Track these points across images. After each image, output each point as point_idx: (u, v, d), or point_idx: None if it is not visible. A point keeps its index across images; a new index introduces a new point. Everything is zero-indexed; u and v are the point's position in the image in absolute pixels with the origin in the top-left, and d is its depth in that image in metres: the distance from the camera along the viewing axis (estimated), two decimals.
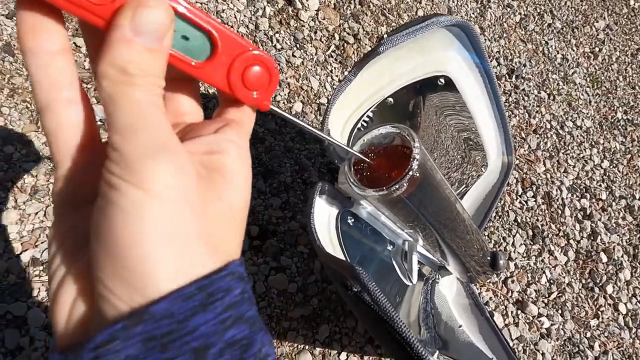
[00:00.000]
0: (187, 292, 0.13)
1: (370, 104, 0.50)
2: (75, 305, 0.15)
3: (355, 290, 0.30)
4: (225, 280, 0.15)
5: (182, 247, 0.14)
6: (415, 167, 0.38)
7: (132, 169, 0.13)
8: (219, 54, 0.17)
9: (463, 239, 0.60)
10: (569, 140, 1.19)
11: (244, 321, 0.15)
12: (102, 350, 0.13)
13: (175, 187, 0.14)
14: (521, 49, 1.29)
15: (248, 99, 0.19)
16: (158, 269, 0.13)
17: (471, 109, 0.58)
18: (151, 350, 0.13)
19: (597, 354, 0.92)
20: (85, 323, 0.15)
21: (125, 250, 0.13)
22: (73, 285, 0.15)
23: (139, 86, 0.14)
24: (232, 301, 0.15)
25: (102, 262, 0.13)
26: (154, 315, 0.13)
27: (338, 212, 0.47)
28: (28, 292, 0.59)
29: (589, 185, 1.13)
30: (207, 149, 0.17)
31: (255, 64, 0.18)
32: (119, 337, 0.13)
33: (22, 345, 0.57)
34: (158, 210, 0.13)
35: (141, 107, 0.14)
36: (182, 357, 0.13)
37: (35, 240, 0.62)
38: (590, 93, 1.32)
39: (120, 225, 0.13)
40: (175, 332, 0.13)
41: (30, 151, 0.67)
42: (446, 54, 0.51)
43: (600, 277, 1.00)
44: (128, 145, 0.13)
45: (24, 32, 0.14)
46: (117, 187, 0.13)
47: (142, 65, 0.14)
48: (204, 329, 0.13)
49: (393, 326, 0.28)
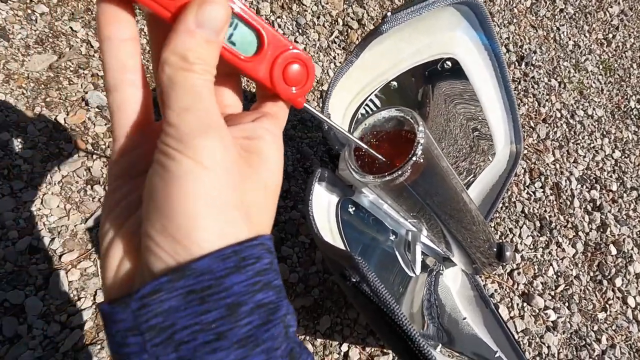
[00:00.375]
0: (225, 254, 0.15)
1: (373, 88, 0.48)
2: (122, 263, 0.17)
3: (354, 281, 0.28)
4: (256, 248, 0.16)
5: (223, 214, 0.16)
6: (419, 153, 0.36)
7: (186, 142, 0.15)
8: (264, 51, 0.19)
9: (469, 229, 0.58)
10: (579, 129, 1.15)
11: (272, 288, 0.16)
12: (148, 300, 0.14)
13: (221, 161, 0.16)
14: (531, 35, 1.25)
15: (286, 94, 0.21)
16: (201, 229, 0.15)
17: (479, 94, 0.56)
18: (190, 302, 0.14)
19: (604, 348, 0.90)
20: (131, 279, 0.16)
21: (175, 210, 0.15)
22: (120, 246, 0.17)
23: (196, 72, 0.16)
24: (261, 268, 0.16)
25: (153, 220, 0.15)
26: (195, 270, 0.14)
27: (338, 200, 0.45)
28: (25, 280, 0.59)
29: (599, 176, 1.10)
30: (246, 134, 0.19)
31: (295, 61, 0.20)
32: (164, 289, 0.14)
33: (20, 333, 0.56)
34: (205, 180, 0.15)
35: (197, 90, 0.16)
36: (217, 310, 0.14)
37: (32, 227, 0.62)
38: (602, 81, 1.28)
39: (173, 188, 0.15)
40: (212, 287, 0.15)
41: (27, 138, 0.66)
42: (453, 34, 0.48)
43: (609, 270, 0.97)
44: (183, 122, 0.15)
45: (103, 22, 0.16)
46: (172, 157, 0.15)
47: (200, 54, 0.16)
48: (237, 288, 0.15)
49: (393, 319, 0.27)
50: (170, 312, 0.14)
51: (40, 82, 0.70)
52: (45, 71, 0.72)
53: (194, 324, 0.14)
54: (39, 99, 0.69)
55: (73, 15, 0.77)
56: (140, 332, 0.14)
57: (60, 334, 0.57)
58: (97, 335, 0.59)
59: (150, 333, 0.14)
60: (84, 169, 0.68)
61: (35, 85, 0.70)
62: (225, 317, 0.15)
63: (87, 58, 0.75)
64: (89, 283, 0.62)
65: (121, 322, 0.15)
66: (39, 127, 0.67)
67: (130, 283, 0.16)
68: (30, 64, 0.71)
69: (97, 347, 0.59)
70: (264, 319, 0.15)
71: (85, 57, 0.75)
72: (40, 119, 0.68)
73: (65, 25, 0.76)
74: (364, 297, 0.28)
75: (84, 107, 0.72)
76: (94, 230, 0.65)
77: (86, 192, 0.66)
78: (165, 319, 0.14)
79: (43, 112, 0.69)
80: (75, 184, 0.66)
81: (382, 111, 0.39)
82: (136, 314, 0.14)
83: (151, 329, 0.14)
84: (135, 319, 0.14)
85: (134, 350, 0.14)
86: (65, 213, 0.64)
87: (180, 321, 0.14)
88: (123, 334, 0.14)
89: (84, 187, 0.67)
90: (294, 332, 0.17)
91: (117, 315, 0.15)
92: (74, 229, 0.64)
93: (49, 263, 0.61)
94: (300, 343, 0.17)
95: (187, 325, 0.14)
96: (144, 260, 0.15)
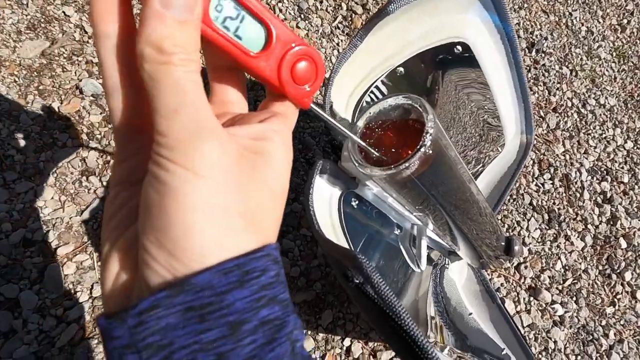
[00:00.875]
0: (226, 267, 0.14)
1: (379, 74, 0.45)
2: (120, 274, 0.16)
3: (357, 282, 0.26)
4: (261, 260, 0.15)
5: (223, 222, 0.14)
6: (428, 144, 0.33)
7: (178, 150, 0.14)
8: (272, 46, 0.17)
9: (476, 222, 0.55)
10: (590, 119, 1.11)
11: (278, 302, 0.15)
12: (145, 317, 0.13)
13: (219, 166, 0.15)
14: (543, 21, 1.20)
15: (294, 93, 0.19)
16: (200, 242, 0.14)
17: (490, 81, 0.53)
18: (189, 320, 0.13)
19: (611, 343, 0.88)
20: (128, 290, 0.15)
21: (170, 223, 0.14)
22: (119, 256, 0.16)
23: (176, 65, 0.14)
24: (267, 282, 0.15)
25: (148, 233, 0.14)
26: (195, 286, 0.14)
27: (341, 194, 0.43)
28: (20, 274, 0.57)
29: (611, 168, 1.07)
30: (254, 135, 0.17)
31: (304, 58, 0.19)
32: (162, 305, 0.13)
33: (15, 327, 0.55)
34: (202, 188, 0.14)
35: (181, 86, 0.14)
36: (218, 329, 0.14)
37: (26, 219, 0.60)
38: (615, 69, 1.23)
39: (168, 200, 0.14)
40: (213, 305, 0.14)
41: (19, 127, 0.64)
42: (464, 16, 0.45)
43: (618, 264, 0.95)
44: (173, 128, 0.14)
45: (97, 17, 0.15)
46: (165, 167, 0.14)
47: (176, 40, 0.14)
48: (240, 305, 0.14)
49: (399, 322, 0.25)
50: (168, 329, 0.13)
51: (33, 70, 0.68)
52: (37, 58, 0.69)
53: (193, 342, 0.13)
54: (32, 86, 0.67)
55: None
56: (137, 350, 0.13)
57: (56, 329, 0.56)
58: (94, 329, 0.58)
59: (147, 351, 0.13)
60: (79, 159, 0.66)
61: (28, 72, 0.68)
62: (226, 337, 0.14)
63: (81, 44, 0.73)
64: (85, 276, 0.60)
65: (118, 338, 0.14)
66: (32, 117, 0.65)
67: (128, 294, 0.15)
68: (22, 51, 0.68)
69: (94, 341, 0.57)
70: (268, 338, 0.14)
71: (79, 44, 0.73)
72: (34, 108, 0.66)
73: (57, 9, 0.73)
74: (368, 299, 0.26)
75: (78, 95, 0.69)
76: (90, 222, 0.63)
77: (81, 184, 0.64)
78: (163, 337, 0.13)
79: (36, 101, 0.66)
80: (70, 175, 0.64)
81: (388, 99, 0.37)
82: (132, 331, 0.13)
83: (148, 347, 0.13)
84: (132, 337, 0.13)
85: None
86: (60, 205, 0.62)
87: (179, 340, 0.13)
88: (120, 351, 0.14)
89: (79, 178, 0.65)
90: (301, 346, 0.16)
91: (113, 332, 0.14)
92: (69, 221, 0.62)
93: (43, 256, 0.59)
94: (307, 356, 0.16)
95: (186, 345, 0.13)
96: (141, 273, 0.15)
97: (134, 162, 0.17)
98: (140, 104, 0.16)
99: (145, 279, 0.14)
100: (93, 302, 0.59)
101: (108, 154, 0.68)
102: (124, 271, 0.16)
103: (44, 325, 0.56)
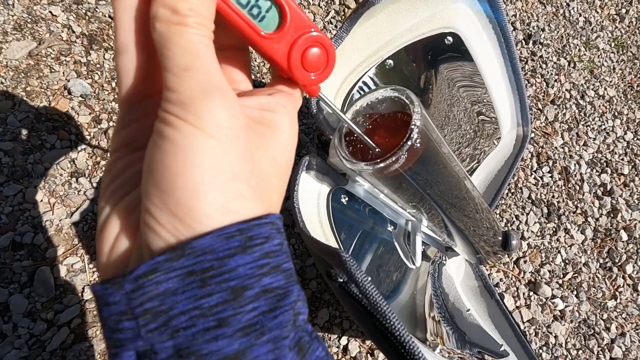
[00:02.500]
0: (229, 232, 0.13)
1: (367, 67, 0.44)
2: (118, 241, 0.15)
3: (340, 281, 0.25)
4: (265, 227, 0.14)
5: (229, 187, 0.14)
6: (414, 136, 0.32)
7: (188, 107, 0.14)
8: (286, 29, 0.17)
9: (472, 218, 0.54)
10: (589, 110, 1.10)
11: (281, 271, 0.15)
12: (143, 281, 0.13)
13: (227, 127, 0.14)
14: (539, 12, 1.18)
15: (302, 79, 0.19)
16: (204, 203, 0.13)
17: (483, 73, 0.51)
18: (189, 285, 0.13)
19: (613, 336, 0.87)
20: (126, 258, 0.15)
21: (175, 184, 0.13)
22: (117, 222, 0.15)
23: (190, 26, 0.14)
24: (270, 249, 0.14)
25: (152, 194, 0.14)
26: (195, 249, 0.13)
27: (329, 190, 0.42)
28: (9, 278, 0.57)
29: (610, 160, 1.05)
30: (260, 106, 0.17)
31: (316, 45, 0.18)
32: (161, 269, 0.13)
33: (5, 332, 0.54)
34: (210, 148, 0.14)
35: (194, 47, 0.14)
36: (219, 294, 0.13)
37: (15, 222, 0.59)
38: (614, 59, 1.22)
39: (174, 159, 0.13)
40: (214, 269, 0.13)
41: (7, 129, 0.63)
42: (454, 5, 0.44)
43: (619, 257, 0.94)
44: (183, 85, 0.14)
45: None
46: (173, 124, 0.14)
47: (192, 5, 0.14)
48: (242, 270, 0.14)
49: (384, 324, 0.24)
50: (167, 294, 0.13)
51: (20, 71, 0.67)
52: (24, 59, 0.68)
53: (193, 308, 0.13)
54: (19, 88, 0.66)
55: None
56: (134, 317, 0.13)
57: (47, 332, 0.56)
58: (86, 332, 0.57)
59: (144, 318, 0.13)
60: (68, 160, 0.65)
61: (15, 73, 0.67)
62: (227, 302, 0.13)
63: (68, 44, 0.72)
64: (76, 279, 0.59)
65: (114, 304, 0.13)
66: (20, 118, 0.64)
67: (125, 263, 0.15)
68: (9, 52, 0.67)
69: (86, 344, 0.57)
70: (271, 305, 0.14)
71: (66, 43, 0.72)
72: (21, 109, 0.65)
73: (44, 9, 0.72)
74: (352, 298, 0.25)
75: (66, 96, 0.68)
76: (80, 224, 0.62)
77: (71, 185, 0.64)
78: (162, 302, 0.13)
79: (23, 102, 0.66)
80: (59, 176, 0.64)
81: (374, 92, 0.36)
82: (129, 296, 0.13)
83: (146, 312, 0.13)
84: (129, 302, 0.13)
85: (127, 336, 0.13)
86: (50, 207, 0.62)
87: (178, 305, 0.13)
88: (116, 317, 0.13)
89: (68, 180, 0.64)
90: (303, 320, 0.15)
91: (109, 297, 0.13)
92: (58, 224, 0.61)
93: (33, 259, 0.58)
94: (310, 332, 0.16)
95: (186, 310, 0.13)
96: (142, 237, 0.14)
97: (135, 127, 0.17)
98: (149, 68, 0.16)
99: (148, 243, 0.14)
100: (84, 305, 0.59)
101: (98, 155, 0.67)
102: (122, 238, 0.15)
103: (35, 329, 0.55)
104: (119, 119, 0.17)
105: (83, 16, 0.74)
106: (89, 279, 0.60)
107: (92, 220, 0.63)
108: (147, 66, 0.16)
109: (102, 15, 0.76)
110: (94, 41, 0.74)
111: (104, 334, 0.14)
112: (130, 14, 0.15)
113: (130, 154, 0.17)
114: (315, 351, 0.15)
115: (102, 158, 0.67)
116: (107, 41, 0.75)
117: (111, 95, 0.71)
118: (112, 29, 0.76)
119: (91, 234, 0.62)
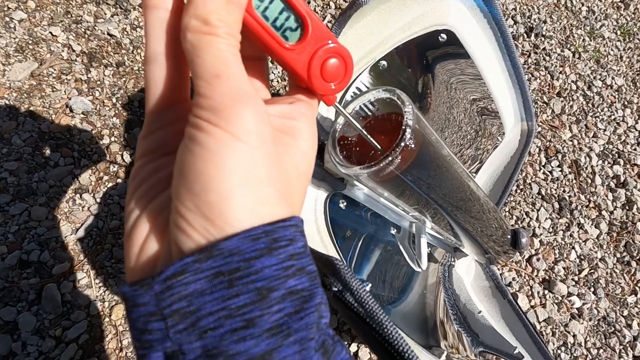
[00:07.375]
0: (255, 234, 0.14)
1: (360, 69, 0.44)
2: (147, 243, 0.15)
3: (334, 290, 0.24)
4: (289, 230, 0.15)
5: (257, 191, 0.14)
6: (407, 137, 0.31)
7: (219, 113, 0.14)
8: (307, 40, 0.18)
9: (479, 219, 0.53)
10: (597, 101, 1.07)
11: (306, 273, 0.15)
12: (172, 282, 0.13)
13: (257, 133, 0.14)
14: (540, 4, 1.16)
15: (321, 90, 0.19)
16: (235, 207, 0.14)
17: (481, 69, 0.50)
18: (217, 285, 0.13)
19: (635, 333, 0.84)
20: (155, 260, 0.15)
21: (207, 187, 0.14)
22: (146, 225, 0.16)
23: (220, 36, 0.14)
24: (295, 251, 0.15)
25: (184, 197, 0.14)
26: (223, 251, 0.13)
27: (327, 196, 0.41)
28: (17, 296, 0.57)
29: (622, 150, 1.02)
30: (282, 114, 0.18)
31: (335, 56, 0.19)
32: (189, 270, 0.13)
33: (15, 350, 0.55)
34: (240, 152, 0.14)
35: (224, 55, 0.14)
36: (247, 294, 0.13)
37: (21, 241, 0.60)
38: (621, 47, 1.19)
39: (206, 163, 0.14)
40: (242, 270, 0.13)
41: (12, 149, 0.64)
42: (446, 2, 0.43)
43: (637, 250, 0.91)
44: (214, 91, 0.14)
45: None
46: (204, 129, 0.14)
47: (221, 16, 0.14)
48: (268, 272, 0.14)
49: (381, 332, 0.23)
50: (195, 295, 0.13)
51: (23, 91, 0.68)
52: (27, 79, 0.69)
53: (221, 309, 0.13)
54: (22, 108, 0.67)
55: (52, 19, 0.75)
56: (163, 318, 0.13)
57: (55, 349, 0.56)
58: (94, 348, 0.57)
59: (173, 318, 0.13)
60: (72, 177, 0.65)
61: (18, 94, 0.68)
62: (255, 303, 0.13)
63: (69, 63, 0.73)
64: (83, 295, 0.60)
65: (143, 305, 0.13)
66: (24, 138, 0.65)
67: (154, 265, 0.15)
68: (12, 73, 0.69)
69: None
70: (297, 307, 0.14)
71: (67, 62, 0.73)
72: (25, 129, 0.66)
73: (44, 30, 0.73)
74: (347, 308, 0.24)
75: (68, 114, 0.69)
76: (85, 240, 0.63)
77: (75, 202, 0.64)
78: (190, 303, 0.13)
79: (27, 122, 0.67)
80: (63, 193, 0.64)
81: (365, 94, 0.35)
82: (159, 297, 0.13)
83: (174, 313, 0.13)
84: (158, 303, 0.13)
85: (156, 337, 0.13)
86: (55, 224, 0.62)
87: (206, 306, 0.13)
88: (145, 318, 0.13)
89: (72, 197, 0.64)
90: (325, 324, 0.15)
91: (139, 299, 0.13)
92: (64, 240, 0.62)
93: (40, 277, 0.59)
94: (333, 335, 0.16)
95: (213, 311, 0.13)
96: (173, 239, 0.14)
97: (161, 134, 0.17)
98: (176, 77, 0.16)
99: (179, 244, 0.14)
100: (91, 321, 0.59)
101: (100, 171, 0.67)
102: (151, 240, 0.15)
103: (43, 346, 0.55)
104: (145, 126, 0.17)
105: (82, 34, 0.76)
106: (95, 295, 0.60)
107: (96, 235, 0.63)
108: (174, 75, 0.16)
109: (101, 32, 0.77)
110: (94, 58, 0.75)
111: (132, 335, 0.14)
112: (162, 25, 0.16)
113: (157, 160, 0.17)
114: (339, 354, 0.15)
115: (104, 173, 0.68)
116: (106, 58, 0.76)
117: (112, 111, 0.72)
118: (111, 46, 0.77)
119: (96, 249, 0.62)
